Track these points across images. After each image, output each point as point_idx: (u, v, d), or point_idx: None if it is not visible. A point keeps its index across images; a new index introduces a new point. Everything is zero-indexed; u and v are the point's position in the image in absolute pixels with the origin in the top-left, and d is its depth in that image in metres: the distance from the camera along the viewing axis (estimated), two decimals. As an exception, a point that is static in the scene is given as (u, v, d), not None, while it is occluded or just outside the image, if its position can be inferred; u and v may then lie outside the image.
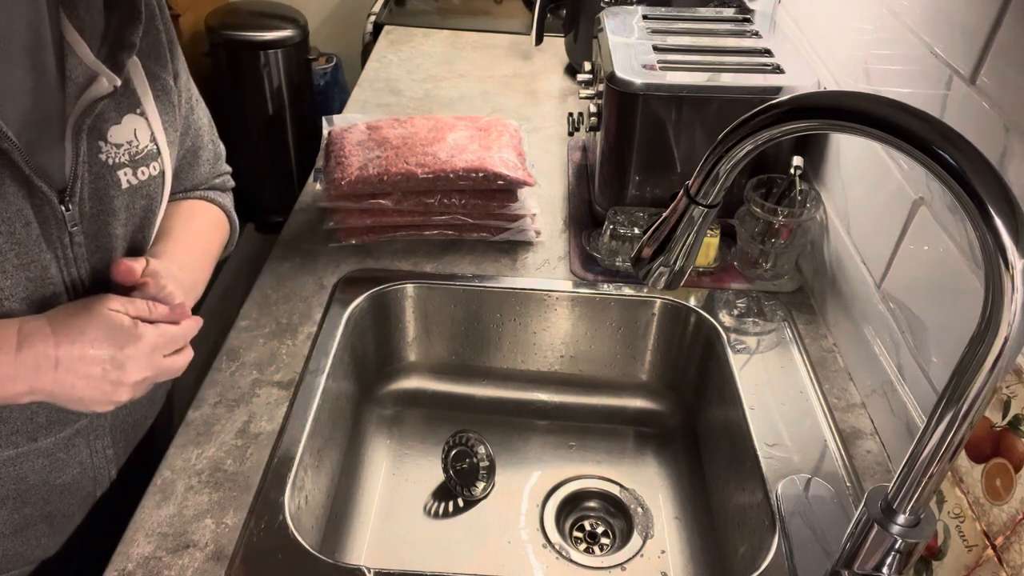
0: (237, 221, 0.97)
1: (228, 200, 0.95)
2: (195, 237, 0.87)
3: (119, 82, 0.70)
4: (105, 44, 0.71)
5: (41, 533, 0.83)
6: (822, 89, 1.05)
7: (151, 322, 0.71)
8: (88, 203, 0.71)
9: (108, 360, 0.68)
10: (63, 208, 0.69)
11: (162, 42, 0.79)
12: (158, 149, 0.77)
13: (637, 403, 1.14)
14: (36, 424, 0.76)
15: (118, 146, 0.73)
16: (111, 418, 0.84)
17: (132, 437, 0.90)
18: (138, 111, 0.75)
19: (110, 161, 0.72)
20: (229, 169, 0.97)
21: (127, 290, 0.73)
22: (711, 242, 1.09)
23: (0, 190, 0.64)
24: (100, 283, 0.75)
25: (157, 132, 0.77)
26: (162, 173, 0.78)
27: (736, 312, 1.04)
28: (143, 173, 0.75)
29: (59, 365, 0.66)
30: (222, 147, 0.96)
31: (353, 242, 1.13)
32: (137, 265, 0.72)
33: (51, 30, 0.68)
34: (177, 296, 0.74)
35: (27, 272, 0.68)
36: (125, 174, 0.74)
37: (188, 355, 0.76)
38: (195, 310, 0.78)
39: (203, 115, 0.90)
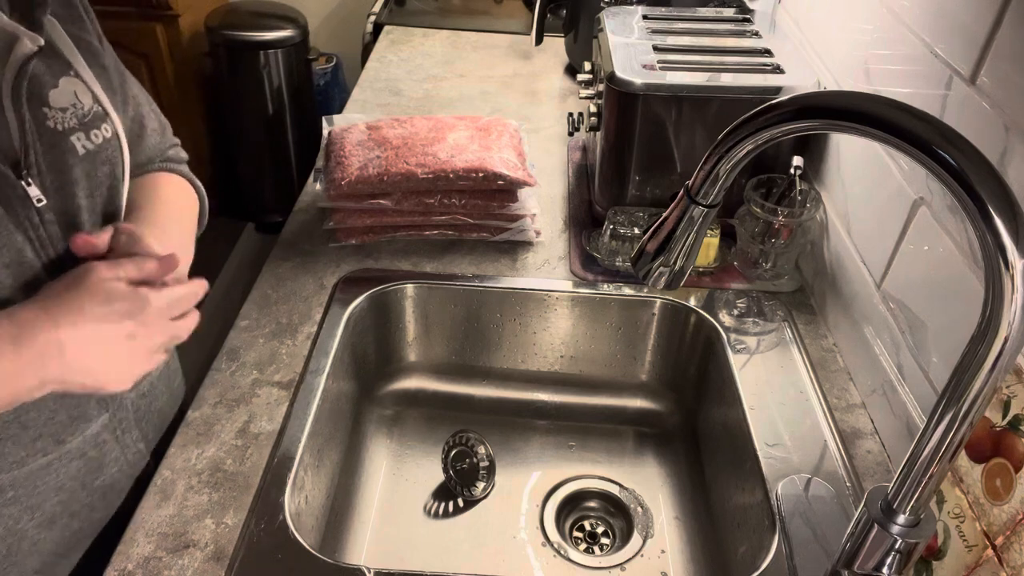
0: (203, 190, 0.93)
1: (187, 170, 0.92)
2: (164, 203, 0.83)
3: (42, 40, 0.66)
4: (16, 5, 0.67)
5: (94, 544, 0.83)
6: (822, 89, 1.05)
7: (148, 284, 0.68)
8: (48, 175, 0.68)
9: (119, 333, 0.65)
10: (23, 184, 0.66)
11: (74, 3, 0.76)
12: (104, 110, 0.74)
13: (637, 403, 1.14)
14: (58, 424, 0.74)
15: (63, 110, 0.70)
16: (134, 410, 0.83)
17: (160, 426, 0.89)
18: (72, 72, 0.72)
19: (59, 127, 0.69)
20: (177, 140, 0.94)
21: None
22: (711, 242, 1.09)
23: None
24: (77, 262, 0.71)
25: (98, 93, 0.74)
26: (116, 136, 0.75)
27: (736, 312, 1.04)
28: (96, 136, 0.73)
29: (65, 349, 0.62)
30: (165, 119, 0.92)
31: (353, 242, 1.13)
32: (98, 237, 0.69)
33: None
34: (154, 246, 0.70)
35: (2, 258, 0.65)
36: (79, 139, 0.71)
37: (194, 318, 0.72)
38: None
39: (134, 86, 0.86)
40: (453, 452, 0.99)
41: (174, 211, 0.84)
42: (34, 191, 0.66)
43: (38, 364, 0.62)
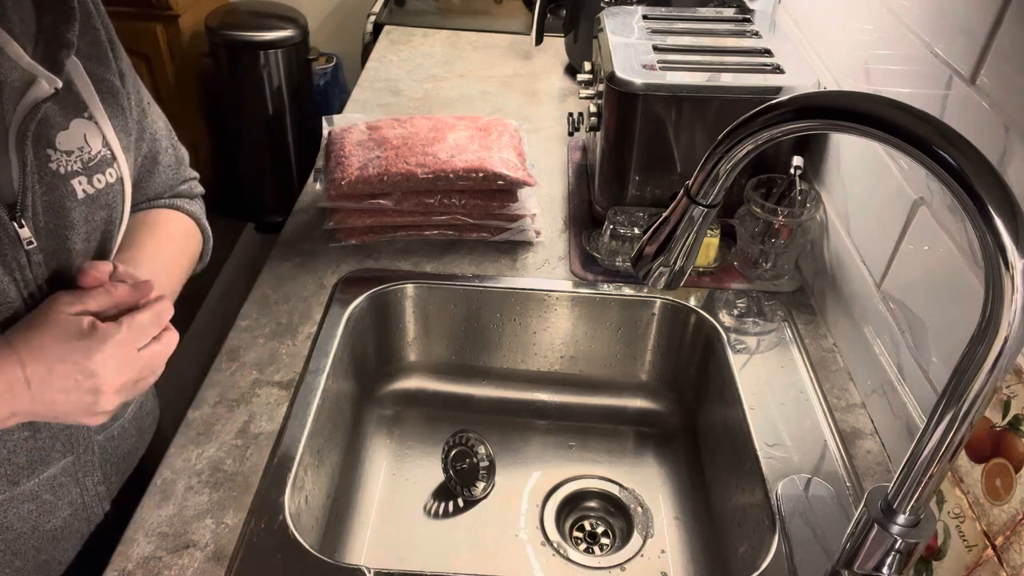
0: (209, 229, 0.91)
1: (197, 207, 0.90)
2: (159, 244, 0.82)
3: (60, 83, 0.65)
4: (40, 44, 0.66)
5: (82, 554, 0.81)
6: (822, 89, 1.05)
7: (114, 317, 0.66)
8: (43, 217, 0.67)
9: (78, 372, 0.64)
10: (15, 225, 0.64)
11: (102, 41, 0.74)
12: (113, 154, 0.72)
13: (637, 403, 1.14)
14: (15, 466, 0.72)
15: (68, 153, 0.68)
16: (100, 452, 0.81)
17: (124, 470, 0.86)
18: (85, 115, 0.70)
19: (62, 170, 0.68)
20: (195, 175, 0.92)
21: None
22: (711, 242, 1.09)
23: None
24: None
25: (109, 136, 0.72)
26: (120, 180, 0.73)
27: (736, 312, 1.04)
28: (99, 181, 0.71)
29: (31, 385, 0.62)
30: (184, 151, 0.90)
31: (353, 242, 1.13)
32: (104, 267, 0.68)
33: None
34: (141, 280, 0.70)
35: None
36: (80, 183, 0.69)
37: (170, 340, 0.70)
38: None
39: (158, 119, 0.84)
40: (453, 452, 0.99)
41: (167, 253, 0.82)
42: (25, 233, 0.65)
43: (9, 397, 0.62)
